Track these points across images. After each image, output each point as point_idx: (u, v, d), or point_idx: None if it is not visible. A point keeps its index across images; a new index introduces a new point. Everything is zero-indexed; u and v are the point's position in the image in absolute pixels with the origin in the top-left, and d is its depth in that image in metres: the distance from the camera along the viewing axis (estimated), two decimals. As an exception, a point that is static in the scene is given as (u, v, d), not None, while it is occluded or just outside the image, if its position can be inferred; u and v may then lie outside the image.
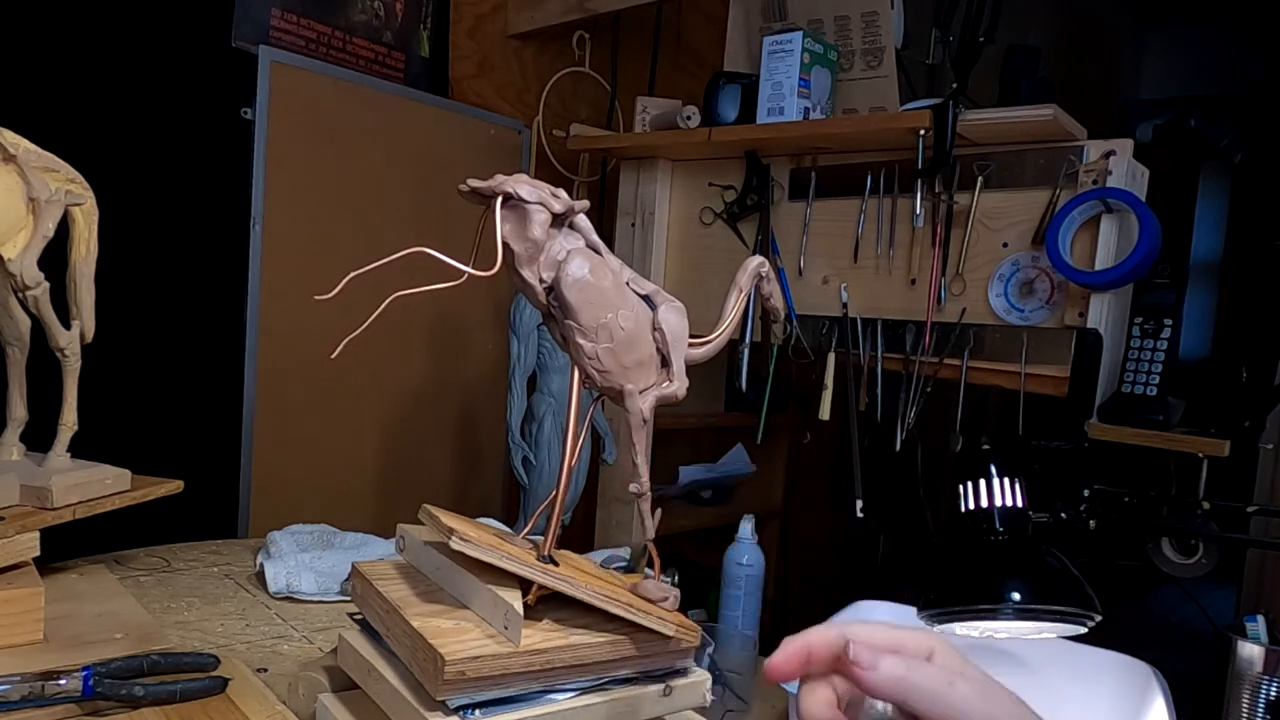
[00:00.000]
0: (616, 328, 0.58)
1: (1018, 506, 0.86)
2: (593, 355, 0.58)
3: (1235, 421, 1.27)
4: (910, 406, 1.45)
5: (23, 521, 0.79)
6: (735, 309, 0.64)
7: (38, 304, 0.87)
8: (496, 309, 1.90)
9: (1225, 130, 2.64)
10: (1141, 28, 3.85)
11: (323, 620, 0.95)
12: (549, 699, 0.55)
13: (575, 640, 0.56)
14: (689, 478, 2.34)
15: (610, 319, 0.58)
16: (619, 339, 0.58)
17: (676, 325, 0.60)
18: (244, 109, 1.46)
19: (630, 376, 0.59)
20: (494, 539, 0.59)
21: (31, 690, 0.63)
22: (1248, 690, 1.20)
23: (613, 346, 0.58)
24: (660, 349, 0.60)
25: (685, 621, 0.59)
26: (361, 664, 0.60)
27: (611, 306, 0.58)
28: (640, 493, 0.60)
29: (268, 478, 1.55)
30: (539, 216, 0.57)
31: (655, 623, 0.57)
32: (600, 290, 0.58)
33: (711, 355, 0.64)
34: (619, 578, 0.65)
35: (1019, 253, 1.35)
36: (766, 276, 0.66)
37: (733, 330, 0.65)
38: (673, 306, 0.61)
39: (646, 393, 0.59)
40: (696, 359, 0.63)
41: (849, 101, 1.54)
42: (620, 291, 0.59)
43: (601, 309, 0.58)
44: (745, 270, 0.65)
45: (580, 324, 0.57)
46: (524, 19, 1.90)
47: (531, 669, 0.54)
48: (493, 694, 0.53)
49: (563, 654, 0.55)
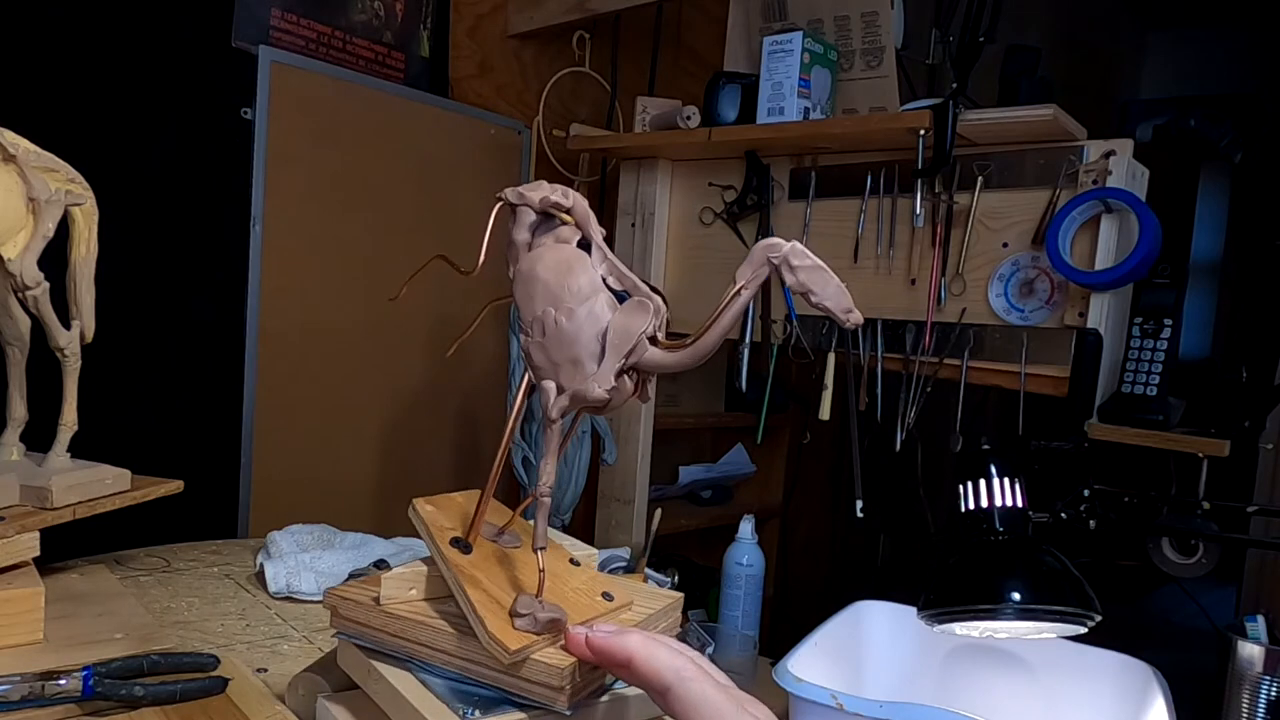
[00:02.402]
0: (551, 323, 0.55)
1: (1018, 506, 0.86)
2: (525, 348, 0.58)
3: (1235, 421, 1.27)
4: (910, 406, 1.45)
5: (23, 521, 0.79)
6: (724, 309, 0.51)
7: (38, 304, 0.87)
8: (497, 309, 1.90)
9: (1225, 130, 2.64)
10: (1141, 28, 3.85)
11: (323, 620, 0.95)
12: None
13: (430, 622, 0.57)
14: (689, 478, 2.34)
15: (546, 313, 0.55)
16: (551, 334, 0.55)
17: (622, 324, 0.54)
18: (244, 109, 1.47)
19: (559, 373, 0.55)
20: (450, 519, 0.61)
21: (31, 690, 0.63)
22: (1248, 690, 1.20)
23: (543, 341, 0.55)
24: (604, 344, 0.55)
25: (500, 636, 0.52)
26: (361, 664, 0.60)
27: (553, 301, 0.55)
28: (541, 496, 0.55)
29: (268, 478, 1.55)
30: (522, 217, 0.58)
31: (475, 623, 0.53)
32: (543, 284, 0.56)
33: (689, 363, 0.53)
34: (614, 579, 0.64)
35: (1019, 253, 1.35)
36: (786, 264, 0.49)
37: (721, 334, 0.52)
38: (637, 303, 0.54)
39: (564, 393, 0.55)
40: (664, 364, 0.53)
41: (849, 101, 1.54)
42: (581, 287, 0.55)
43: (540, 302, 0.56)
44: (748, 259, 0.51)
45: (521, 316, 0.58)
46: (524, 19, 1.90)
47: (388, 630, 0.58)
48: (365, 641, 0.59)
49: (413, 628, 0.57)
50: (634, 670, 0.47)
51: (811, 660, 0.98)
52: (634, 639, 0.47)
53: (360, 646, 0.60)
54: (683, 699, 0.45)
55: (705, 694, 0.44)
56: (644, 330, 0.53)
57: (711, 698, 0.44)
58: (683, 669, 0.45)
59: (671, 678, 0.45)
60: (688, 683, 0.45)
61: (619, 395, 0.54)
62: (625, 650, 0.47)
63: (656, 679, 0.46)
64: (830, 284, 0.48)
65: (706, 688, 0.45)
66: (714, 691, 0.45)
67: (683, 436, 2.39)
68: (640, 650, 0.47)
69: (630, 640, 0.47)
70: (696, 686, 0.45)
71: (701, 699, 0.44)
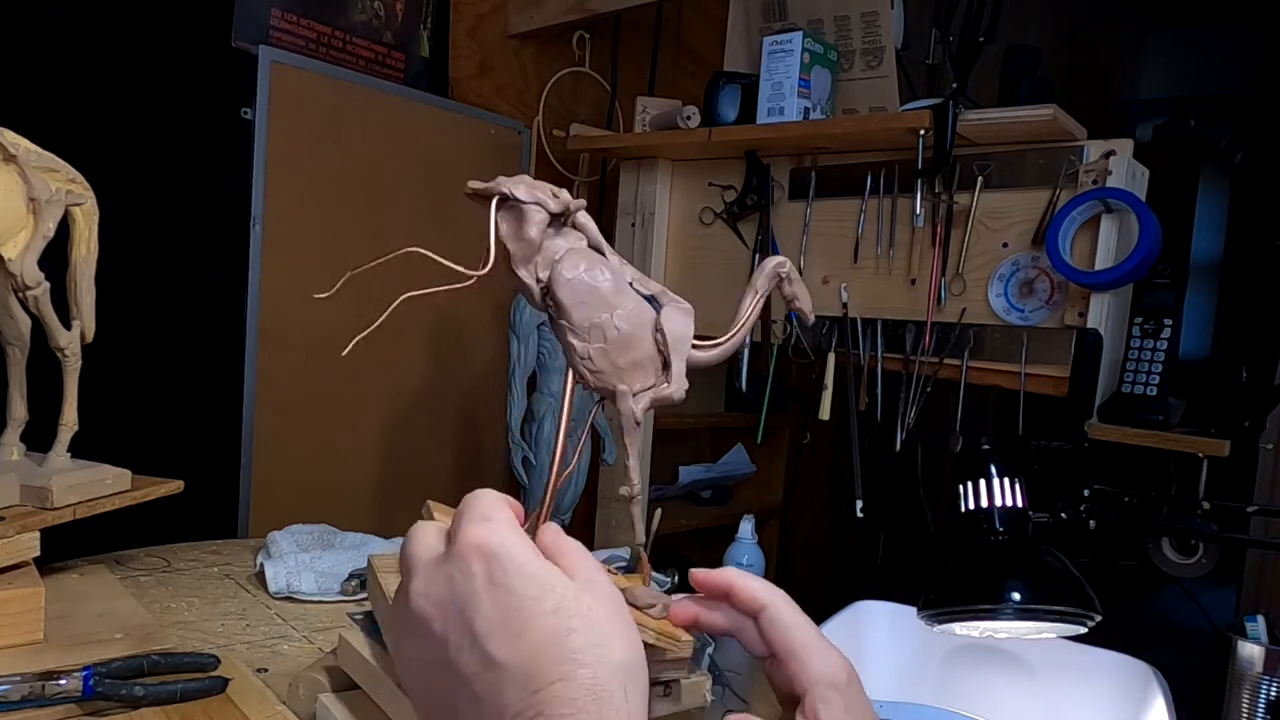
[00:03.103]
0: (611, 328, 0.57)
1: (1018, 506, 0.86)
2: (585, 355, 0.58)
3: (1235, 421, 1.27)
4: (910, 406, 1.45)
5: (23, 521, 0.79)
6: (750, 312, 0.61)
7: (38, 304, 0.87)
8: (496, 309, 1.90)
9: (1225, 130, 2.64)
10: (1141, 28, 3.85)
11: (323, 620, 0.95)
12: None
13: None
14: (689, 478, 2.34)
15: (604, 319, 0.57)
16: (612, 339, 0.57)
17: (680, 327, 0.59)
18: (244, 109, 1.46)
19: (624, 377, 0.58)
20: None
21: (31, 690, 0.63)
22: (1248, 690, 1.20)
23: (605, 346, 0.57)
24: (661, 350, 0.59)
25: (670, 630, 0.56)
26: (361, 664, 0.60)
27: (607, 306, 0.57)
28: (631, 496, 0.60)
29: (268, 478, 1.55)
30: (535, 216, 0.57)
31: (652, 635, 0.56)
32: (594, 289, 0.57)
33: (722, 359, 0.61)
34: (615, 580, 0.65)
35: (1019, 253, 1.35)
36: (788, 277, 0.62)
37: (747, 334, 0.61)
38: (679, 308, 0.59)
39: (641, 394, 0.58)
40: (703, 362, 0.60)
41: (849, 101, 1.54)
42: (619, 292, 0.58)
43: (595, 308, 0.57)
44: (762, 271, 0.62)
45: (573, 323, 0.57)
46: (524, 19, 1.90)
47: None
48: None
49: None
50: (734, 594, 0.53)
51: (811, 660, 0.98)
52: (731, 571, 0.54)
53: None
54: (775, 615, 0.51)
55: (793, 614, 0.51)
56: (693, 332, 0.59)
57: (798, 621, 0.51)
58: (775, 593, 0.52)
59: (767, 600, 0.52)
60: (781, 606, 0.51)
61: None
62: (725, 580, 0.53)
63: (753, 601, 0.52)
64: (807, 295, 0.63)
65: (794, 613, 0.51)
66: (800, 617, 0.52)
67: (683, 436, 2.39)
68: (738, 579, 0.53)
69: (729, 572, 0.54)
70: (787, 608, 0.52)
71: (789, 621, 0.51)
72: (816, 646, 0.50)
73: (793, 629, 0.51)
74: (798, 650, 0.50)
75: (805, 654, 0.50)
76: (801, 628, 0.51)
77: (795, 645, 0.50)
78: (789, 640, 0.50)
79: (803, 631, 0.51)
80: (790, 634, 0.50)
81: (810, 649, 0.50)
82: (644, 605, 0.57)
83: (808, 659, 0.50)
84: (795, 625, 0.51)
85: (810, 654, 0.50)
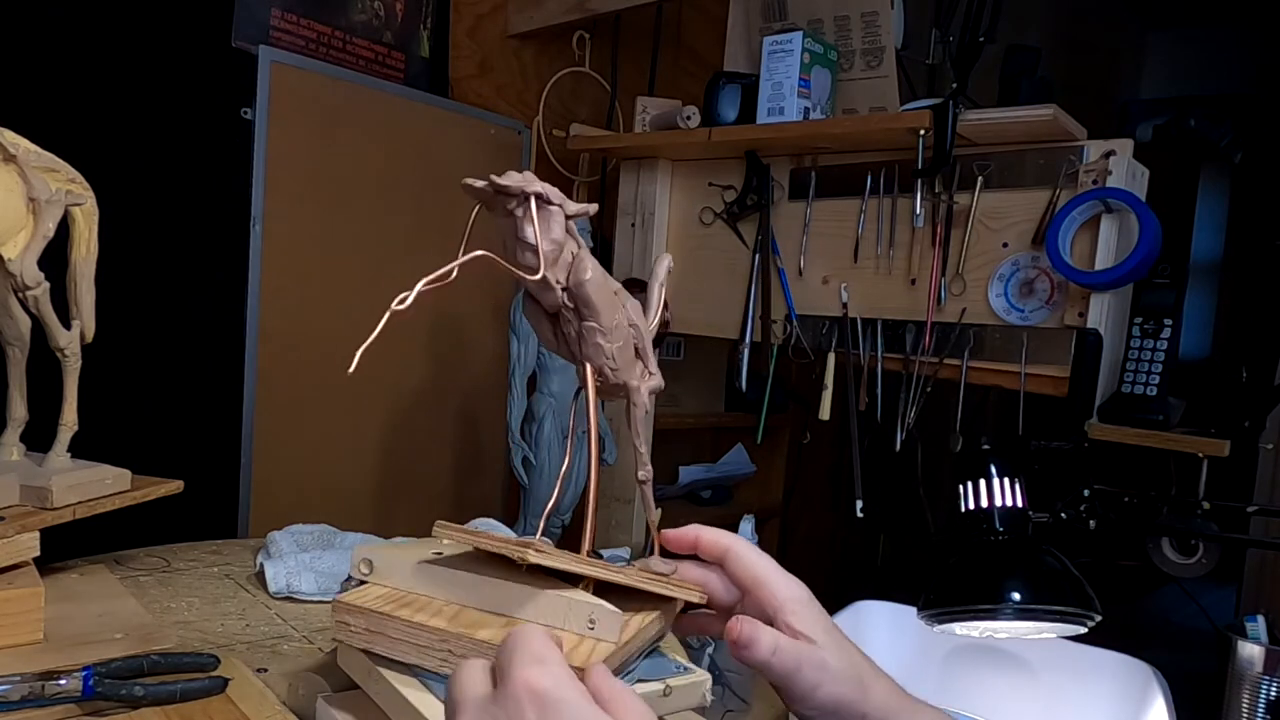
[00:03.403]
0: (625, 327, 0.60)
1: (1018, 506, 0.86)
2: (609, 355, 0.60)
3: (1235, 421, 1.27)
4: (910, 406, 1.45)
5: (23, 521, 0.79)
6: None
7: (38, 304, 0.87)
8: (496, 309, 1.90)
9: (1225, 130, 2.64)
10: (1141, 28, 3.85)
11: (323, 620, 0.95)
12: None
13: (637, 622, 0.59)
14: (689, 478, 2.34)
15: (621, 319, 0.60)
16: (628, 337, 0.60)
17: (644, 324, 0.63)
18: (244, 109, 1.46)
19: (629, 373, 0.61)
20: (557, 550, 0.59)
21: (31, 690, 0.63)
22: (1248, 690, 1.20)
23: (623, 346, 0.60)
24: (636, 343, 0.62)
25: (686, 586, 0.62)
26: (362, 664, 0.60)
27: (619, 307, 0.60)
28: (646, 479, 0.65)
29: (268, 478, 1.55)
30: (559, 216, 0.57)
31: (683, 593, 0.61)
32: (609, 290, 0.60)
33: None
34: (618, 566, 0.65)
35: (1019, 253, 1.35)
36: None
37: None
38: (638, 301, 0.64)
39: (641, 386, 0.62)
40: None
41: (849, 101, 1.54)
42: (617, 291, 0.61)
43: (614, 309, 0.59)
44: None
45: (601, 324, 0.58)
46: (524, 19, 1.90)
47: (628, 659, 0.58)
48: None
49: (636, 639, 0.58)
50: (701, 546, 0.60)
51: (811, 660, 0.98)
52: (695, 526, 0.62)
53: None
54: (740, 556, 0.59)
55: (755, 555, 0.59)
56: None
57: (759, 558, 0.58)
58: (738, 538, 0.59)
59: (729, 542, 0.59)
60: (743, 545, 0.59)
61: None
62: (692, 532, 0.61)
63: (718, 544, 0.60)
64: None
65: (755, 552, 0.59)
66: (761, 556, 0.59)
67: (683, 436, 2.39)
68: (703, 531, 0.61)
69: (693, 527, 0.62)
70: (749, 548, 0.59)
71: (755, 556, 0.58)
72: (779, 574, 0.58)
73: (756, 563, 0.58)
74: (763, 579, 0.58)
75: (771, 582, 0.58)
76: (763, 560, 0.58)
77: (760, 575, 0.58)
78: (754, 572, 0.58)
79: (765, 562, 0.58)
80: (754, 567, 0.58)
81: (774, 577, 0.58)
82: (667, 572, 0.62)
83: (773, 585, 0.57)
84: (758, 559, 0.58)
85: (775, 580, 0.58)
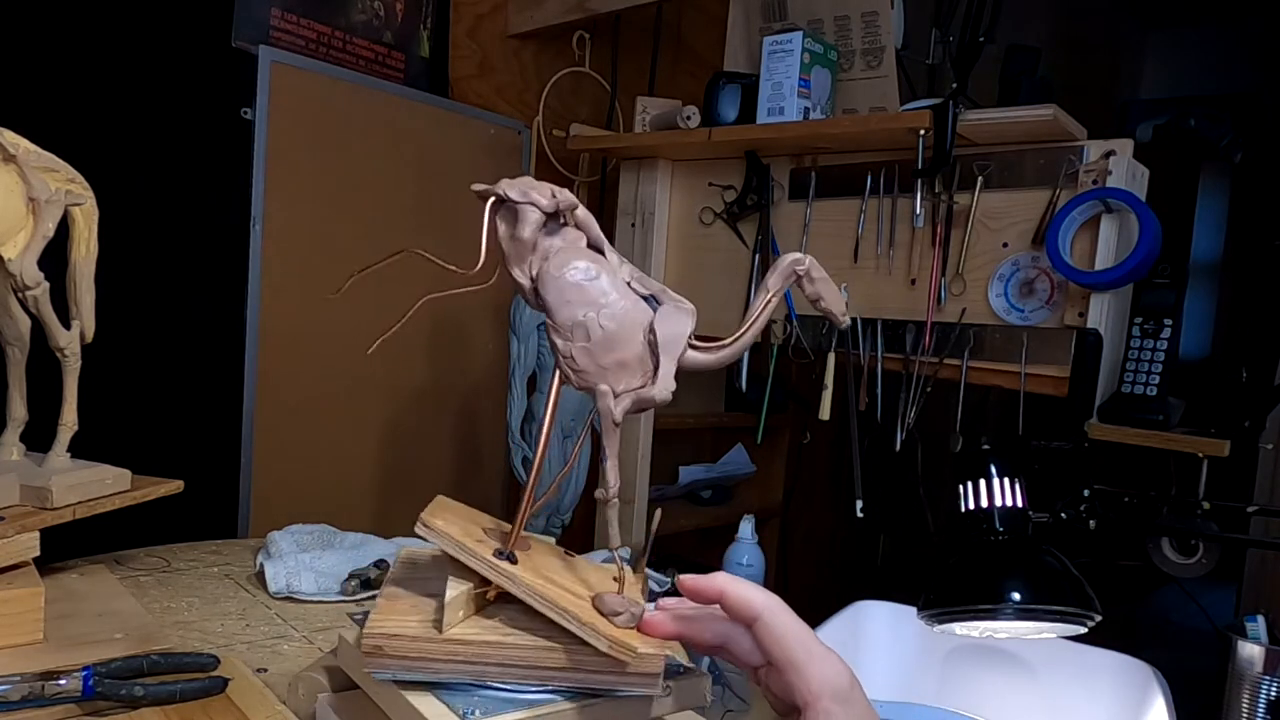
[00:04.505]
0: (595, 326, 0.56)
1: (1018, 506, 0.86)
2: (567, 354, 0.57)
3: (1235, 421, 1.27)
4: (910, 406, 1.45)
5: (23, 521, 0.79)
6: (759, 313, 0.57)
7: (38, 304, 0.87)
8: (496, 309, 1.90)
9: (1225, 130, 2.64)
10: (1141, 28, 3.85)
11: (323, 620, 0.95)
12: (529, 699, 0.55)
13: (508, 640, 0.55)
14: (689, 478, 2.34)
15: (589, 317, 0.56)
16: (596, 338, 0.56)
17: (673, 328, 0.57)
18: (244, 109, 1.46)
19: (608, 377, 0.57)
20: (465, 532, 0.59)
21: (31, 690, 0.63)
22: (1248, 690, 1.20)
23: (589, 345, 0.56)
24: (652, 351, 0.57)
25: (623, 640, 0.53)
26: (361, 664, 0.60)
27: (593, 305, 0.56)
28: (605, 499, 0.57)
29: (268, 478, 1.55)
30: (530, 216, 0.57)
31: (587, 633, 0.53)
32: (579, 288, 0.57)
33: (726, 362, 0.58)
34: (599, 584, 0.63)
35: (1019, 253, 1.35)
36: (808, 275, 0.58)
37: (755, 336, 0.58)
38: (676, 308, 0.58)
39: (624, 395, 0.57)
40: (704, 364, 0.58)
41: (849, 101, 1.54)
42: (610, 290, 0.57)
43: (580, 307, 0.56)
44: (775, 270, 0.58)
45: (556, 322, 0.57)
46: (524, 19, 1.90)
47: (456, 658, 0.54)
48: (419, 675, 0.55)
49: (490, 650, 0.55)
50: (727, 603, 0.51)
51: (811, 660, 0.98)
52: (722, 577, 0.52)
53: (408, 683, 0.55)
54: (771, 625, 0.50)
55: (790, 623, 0.50)
56: (690, 334, 0.57)
57: (795, 626, 0.50)
58: (770, 600, 0.51)
59: (762, 607, 0.50)
60: (776, 613, 0.50)
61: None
62: (715, 586, 0.52)
63: (749, 608, 0.50)
64: (835, 293, 0.59)
65: (791, 618, 0.50)
66: (797, 623, 0.50)
67: (683, 436, 2.39)
68: (730, 585, 0.51)
69: (719, 578, 0.52)
70: (784, 617, 0.50)
71: (788, 626, 0.50)
72: (817, 655, 0.48)
73: (791, 638, 0.49)
74: (797, 662, 0.48)
75: (805, 665, 0.48)
76: (800, 636, 0.49)
77: (794, 656, 0.48)
78: (787, 651, 0.48)
79: (801, 640, 0.49)
80: (788, 643, 0.49)
81: (810, 659, 0.48)
82: (608, 612, 0.55)
83: (808, 670, 0.48)
84: (793, 634, 0.49)
85: (810, 664, 0.48)
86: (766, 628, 0.50)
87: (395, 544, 1.18)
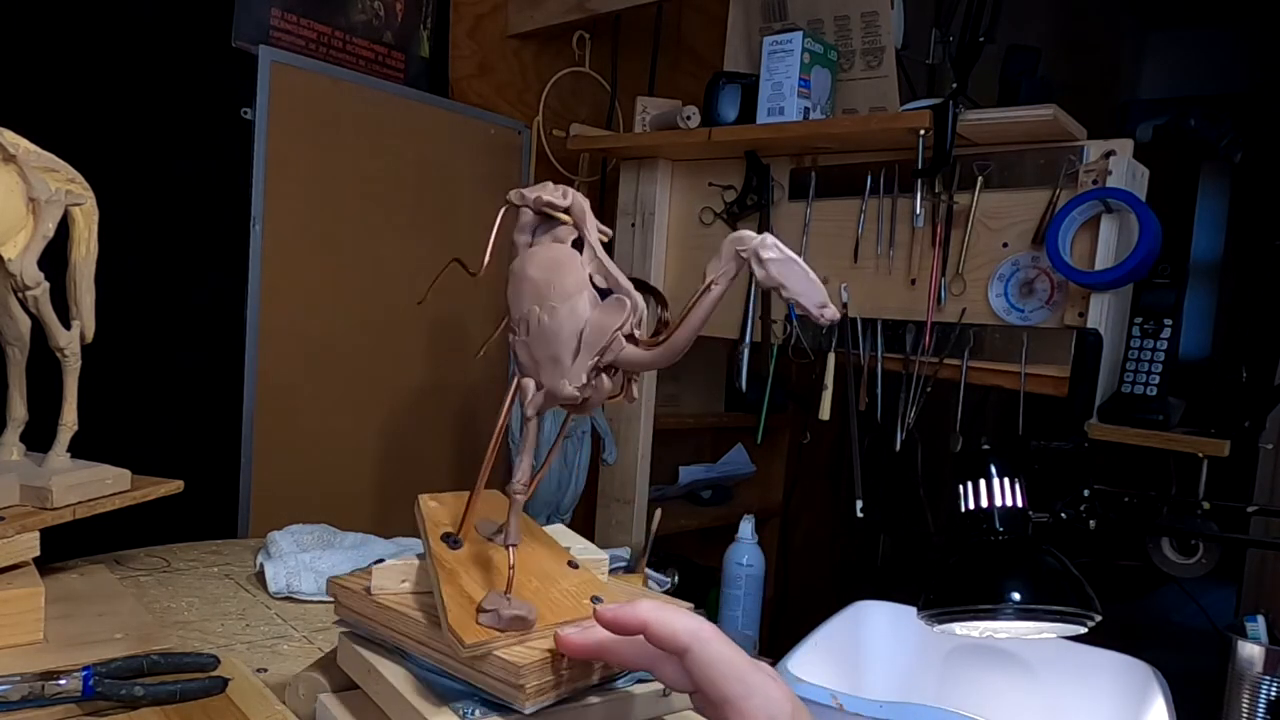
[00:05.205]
0: (535, 320, 0.56)
1: (1018, 506, 0.86)
2: (512, 346, 0.58)
3: (1235, 421, 1.27)
4: (910, 406, 1.45)
5: (23, 521, 0.79)
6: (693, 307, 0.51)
7: (38, 304, 0.87)
8: (497, 309, 1.90)
9: (1225, 130, 2.64)
10: (1141, 28, 3.85)
11: (323, 620, 0.95)
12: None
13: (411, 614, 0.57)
14: (689, 478, 2.34)
15: (530, 311, 0.56)
16: (534, 332, 0.56)
17: (598, 322, 0.54)
18: (244, 109, 1.46)
19: (539, 371, 0.56)
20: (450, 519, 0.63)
21: (31, 690, 0.63)
22: (1248, 690, 1.20)
23: (527, 339, 0.56)
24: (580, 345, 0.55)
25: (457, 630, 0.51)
26: (361, 664, 0.60)
27: (539, 299, 0.56)
28: (512, 492, 0.56)
29: (268, 478, 1.55)
30: (524, 218, 0.59)
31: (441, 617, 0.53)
32: (531, 282, 0.57)
33: (663, 361, 0.53)
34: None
35: (1019, 253, 1.35)
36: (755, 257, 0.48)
37: (692, 333, 0.51)
38: (611, 303, 0.54)
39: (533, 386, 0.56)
40: (640, 361, 0.53)
41: (849, 101, 1.54)
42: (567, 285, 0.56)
43: (527, 300, 0.57)
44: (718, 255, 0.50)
45: (511, 316, 0.58)
46: (524, 19, 1.90)
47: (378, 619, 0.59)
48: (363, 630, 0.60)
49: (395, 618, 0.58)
50: (650, 635, 0.47)
51: (811, 660, 0.98)
52: (644, 606, 0.48)
53: (356, 636, 0.61)
54: (701, 658, 0.46)
55: (722, 653, 0.46)
56: (619, 328, 0.52)
57: (728, 656, 0.46)
58: (699, 630, 0.47)
59: (688, 639, 0.46)
60: (706, 643, 0.46)
61: (596, 394, 0.54)
62: (638, 617, 0.47)
63: (674, 641, 0.46)
64: (802, 277, 0.47)
65: (723, 647, 0.46)
66: (730, 650, 0.46)
67: (683, 436, 2.39)
68: (653, 615, 0.47)
69: (641, 607, 0.48)
70: (714, 646, 0.46)
71: (718, 657, 0.46)
72: (755, 687, 0.45)
73: (723, 669, 0.46)
74: (731, 696, 0.45)
75: (740, 700, 0.45)
76: (734, 665, 0.46)
77: (727, 691, 0.45)
78: (719, 686, 0.45)
79: (736, 671, 0.46)
80: (721, 678, 0.45)
81: (747, 692, 0.45)
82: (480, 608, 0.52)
83: (744, 705, 0.45)
84: (726, 663, 0.46)
85: (747, 699, 0.45)
86: (696, 660, 0.46)
87: (395, 544, 1.18)
